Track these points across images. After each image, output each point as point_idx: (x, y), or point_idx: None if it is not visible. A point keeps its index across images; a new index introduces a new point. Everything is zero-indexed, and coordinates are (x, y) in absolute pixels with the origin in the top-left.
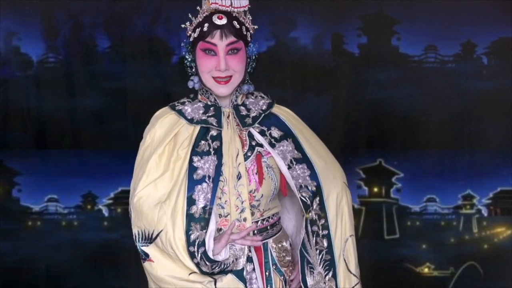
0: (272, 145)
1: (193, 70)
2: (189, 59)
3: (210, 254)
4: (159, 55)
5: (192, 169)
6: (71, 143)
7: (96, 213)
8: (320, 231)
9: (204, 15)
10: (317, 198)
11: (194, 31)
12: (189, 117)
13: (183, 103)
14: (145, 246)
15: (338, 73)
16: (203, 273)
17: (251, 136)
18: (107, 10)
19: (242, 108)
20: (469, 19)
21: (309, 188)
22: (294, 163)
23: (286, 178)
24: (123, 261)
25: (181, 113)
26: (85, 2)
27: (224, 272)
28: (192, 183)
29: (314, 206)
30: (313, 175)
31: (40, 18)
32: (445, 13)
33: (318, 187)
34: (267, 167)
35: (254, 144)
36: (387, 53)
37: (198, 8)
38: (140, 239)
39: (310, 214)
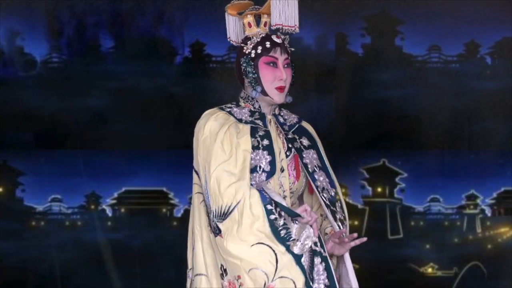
0: (301, 151)
1: (255, 81)
2: (252, 72)
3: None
4: (163, 55)
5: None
6: (74, 143)
7: (99, 213)
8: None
9: (261, 36)
10: (338, 204)
11: (255, 48)
12: (238, 117)
13: (229, 107)
14: (220, 222)
15: (342, 73)
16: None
17: (289, 140)
18: (111, 10)
19: (279, 117)
20: (472, 19)
21: (330, 192)
22: (317, 170)
23: (310, 179)
24: (126, 261)
25: (230, 113)
26: (89, 3)
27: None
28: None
29: (337, 209)
30: (332, 183)
31: (43, 18)
32: (448, 13)
33: (336, 194)
34: (301, 166)
35: (290, 146)
36: (391, 53)
37: (249, 36)
38: (216, 215)
39: (336, 215)
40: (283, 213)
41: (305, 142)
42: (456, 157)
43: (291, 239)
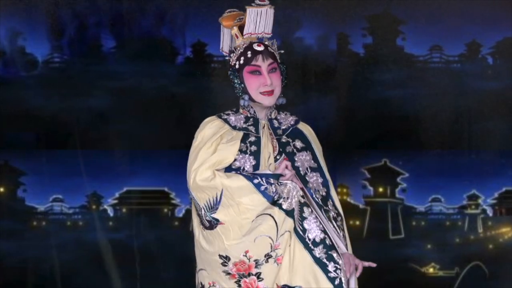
0: (294, 154)
1: (242, 90)
2: (238, 82)
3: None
4: (164, 55)
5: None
6: (76, 143)
7: (101, 213)
8: (342, 230)
9: (244, 46)
10: (329, 202)
11: (238, 59)
12: (232, 125)
13: (227, 114)
14: (213, 213)
15: (343, 73)
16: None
17: (281, 144)
18: (112, 10)
19: (274, 121)
20: (474, 19)
21: (321, 193)
22: (309, 170)
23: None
24: (127, 261)
25: (226, 121)
26: (90, 3)
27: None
28: (229, 171)
29: (330, 207)
30: (325, 183)
31: (45, 18)
32: (450, 13)
33: (328, 193)
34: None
35: (281, 150)
36: (392, 53)
37: (233, 48)
38: (208, 209)
39: (329, 213)
40: (263, 178)
41: (298, 144)
42: (457, 157)
43: (281, 198)
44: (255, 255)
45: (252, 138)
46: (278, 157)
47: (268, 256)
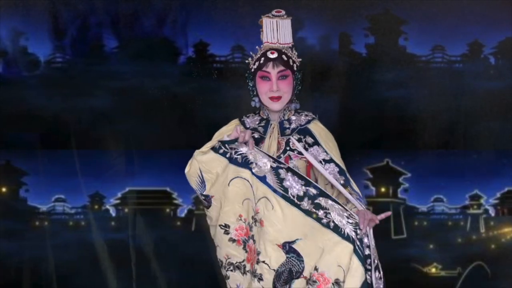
0: (306, 149)
1: (254, 93)
2: (251, 85)
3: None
4: (166, 55)
5: None
6: (78, 143)
7: (103, 213)
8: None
9: (262, 52)
10: (348, 188)
11: (254, 64)
12: (247, 126)
13: (247, 116)
14: (203, 190)
15: (345, 73)
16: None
17: (287, 143)
18: (114, 10)
19: (285, 122)
20: (476, 19)
21: (339, 181)
22: (324, 163)
23: (320, 171)
24: (129, 261)
25: (243, 122)
26: (92, 2)
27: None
28: None
29: (352, 191)
30: (341, 172)
31: (47, 18)
32: (452, 13)
33: (346, 180)
34: (292, 166)
35: (288, 149)
36: (395, 53)
37: (257, 47)
38: (200, 189)
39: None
40: (226, 144)
41: (309, 140)
42: (459, 157)
43: (250, 162)
44: (248, 218)
45: (256, 137)
46: (281, 156)
47: (254, 220)
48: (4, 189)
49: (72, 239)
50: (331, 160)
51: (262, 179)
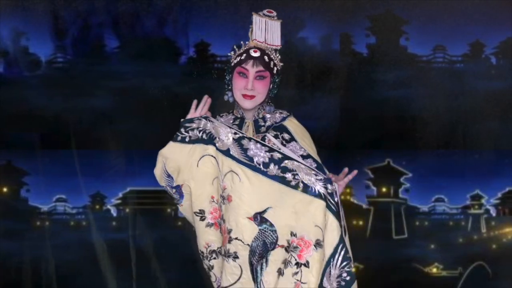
0: (284, 145)
1: (229, 87)
2: (228, 78)
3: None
4: (167, 55)
5: None
6: (79, 143)
7: (104, 213)
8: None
9: (245, 48)
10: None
11: (235, 58)
12: None
13: (221, 116)
14: (172, 183)
15: (346, 73)
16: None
17: (264, 141)
18: (115, 10)
19: (260, 120)
20: (477, 19)
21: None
22: (302, 158)
23: None
24: (131, 261)
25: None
26: (93, 3)
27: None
28: None
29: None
30: (319, 167)
31: (48, 18)
32: (453, 13)
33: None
34: None
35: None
36: (396, 53)
37: (242, 42)
38: (170, 187)
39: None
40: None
41: (286, 136)
42: (461, 157)
43: (214, 137)
44: (218, 198)
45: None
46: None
47: (222, 197)
48: (5, 189)
49: (73, 239)
50: (309, 156)
51: (226, 152)
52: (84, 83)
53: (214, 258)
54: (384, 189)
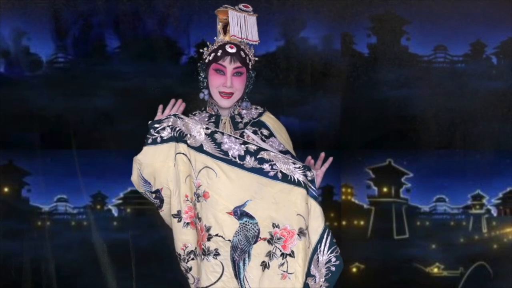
0: (263, 140)
1: (205, 85)
2: (203, 76)
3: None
4: (168, 55)
5: None
6: (80, 143)
7: (105, 213)
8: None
9: (219, 44)
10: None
11: (209, 55)
12: None
13: (194, 114)
14: (150, 188)
15: (347, 73)
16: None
17: (242, 137)
18: (117, 10)
19: (237, 116)
20: (478, 19)
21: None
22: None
23: None
24: (132, 261)
25: None
26: (95, 3)
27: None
28: None
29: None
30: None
31: (49, 18)
32: (454, 13)
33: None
34: None
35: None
36: (397, 53)
37: (215, 38)
38: (149, 193)
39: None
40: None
41: (265, 132)
42: (462, 157)
43: (184, 134)
44: (193, 196)
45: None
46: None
47: (197, 195)
48: (6, 189)
49: (74, 239)
50: (287, 152)
51: (199, 148)
52: (85, 83)
53: (192, 259)
54: (385, 189)
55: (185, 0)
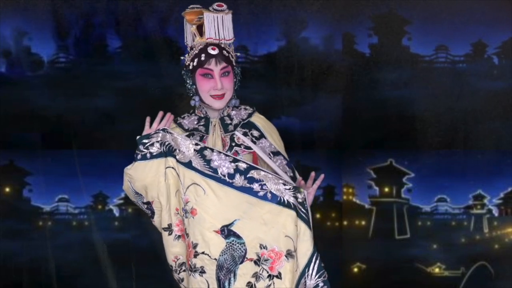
0: (254, 142)
1: (193, 91)
2: (190, 83)
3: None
4: (169, 55)
5: None
6: (82, 143)
7: (107, 213)
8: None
9: (200, 47)
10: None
11: (192, 60)
12: (186, 127)
13: (183, 117)
14: (142, 200)
15: (349, 73)
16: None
17: (232, 139)
18: (118, 10)
19: (226, 118)
20: (480, 19)
21: (288, 174)
22: (272, 155)
23: (269, 164)
24: (133, 261)
25: (180, 125)
26: (96, 3)
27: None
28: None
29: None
30: (289, 165)
31: (50, 18)
32: (456, 13)
33: (294, 173)
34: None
35: (233, 145)
36: (398, 53)
37: (186, 42)
38: (141, 204)
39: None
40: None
41: (255, 133)
42: (463, 157)
43: (173, 149)
44: (182, 211)
45: (197, 137)
46: (228, 151)
47: (184, 211)
48: (7, 189)
49: (75, 239)
50: (278, 153)
51: (188, 165)
52: (87, 83)
53: (184, 271)
54: (386, 189)
55: (186, 0)
